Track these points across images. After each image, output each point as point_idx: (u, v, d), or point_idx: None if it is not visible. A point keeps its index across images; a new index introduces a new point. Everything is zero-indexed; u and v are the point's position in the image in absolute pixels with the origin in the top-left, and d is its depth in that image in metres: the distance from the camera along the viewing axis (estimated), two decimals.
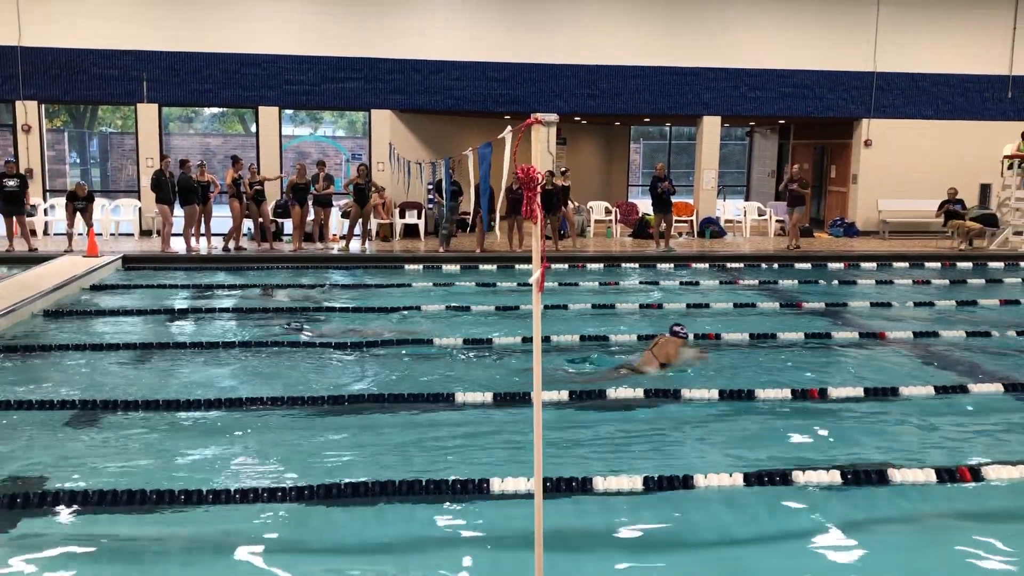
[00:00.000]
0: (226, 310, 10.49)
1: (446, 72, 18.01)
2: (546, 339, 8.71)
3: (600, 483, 5.02)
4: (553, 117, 3.09)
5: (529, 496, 4.49)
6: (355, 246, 16.10)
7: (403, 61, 17.86)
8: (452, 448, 5.90)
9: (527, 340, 8.50)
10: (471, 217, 17.96)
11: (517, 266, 14.05)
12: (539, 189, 3.04)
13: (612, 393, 6.89)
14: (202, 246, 15.62)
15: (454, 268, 14.05)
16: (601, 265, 14.76)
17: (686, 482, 5.08)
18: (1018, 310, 11.12)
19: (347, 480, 5.01)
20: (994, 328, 9.71)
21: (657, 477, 5.12)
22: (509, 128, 3.74)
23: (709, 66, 18.60)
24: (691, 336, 8.62)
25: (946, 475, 5.21)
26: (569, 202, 17.02)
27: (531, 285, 3.15)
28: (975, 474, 5.23)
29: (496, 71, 18.12)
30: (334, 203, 16.85)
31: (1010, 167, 17.17)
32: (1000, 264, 15.36)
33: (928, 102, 19.19)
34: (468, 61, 18.01)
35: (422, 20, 17.89)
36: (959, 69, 19.08)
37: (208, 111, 35.56)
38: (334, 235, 17.00)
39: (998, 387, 7.20)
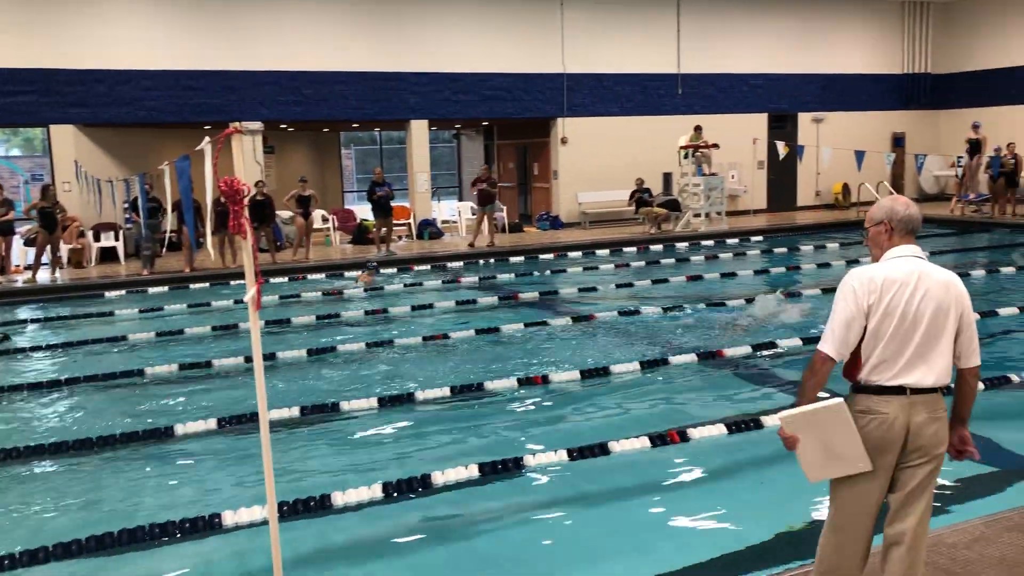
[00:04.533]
0: None
1: (135, 82, 16.72)
2: (270, 356, 8.40)
3: (339, 498, 4.92)
4: (257, 125, 2.97)
5: (267, 523, 4.29)
6: (44, 276, 14.49)
7: (84, 71, 16.33)
8: (178, 485, 5.50)
9: (250, 359, 8.13)
10: (176, 235, 16.85)
11: (232, 282, 13.40)
12: (245, 201, 2.90)
13: (346, 406, 6.78)
14: None
15: (162, 290, 13.14)
16: (323, 275, 14.49)
17: (425, 482, 5.12)
18: (702, 284, 12.42)
19: (56, 541, 4.49)
20: (685, 302, 10.78)
21: (396, 482, 5.12)
22: (207, 139, 3.53)
23: (413, 71, 18.86)
24: None
25: (658, 440, 5.70)
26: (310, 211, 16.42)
27: (247, 303, 3.00)
28: (682, 436, 5.76)
29: (193, 80, 17.13)
30: (16, 230, 15.08)
31: (686, 156, 19.12)
32: (685, 244, 17.08)
33: (613, 100, 20.84)
34: (160, 70, 16.85)
35: (104, 25, 16.46)
36: (637, 69, 20.91)
37: None
38: (17, 266, 15.21)
39: (692, 357, 7.99)
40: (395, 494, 5.02)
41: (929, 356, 3.00)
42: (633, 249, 16.60)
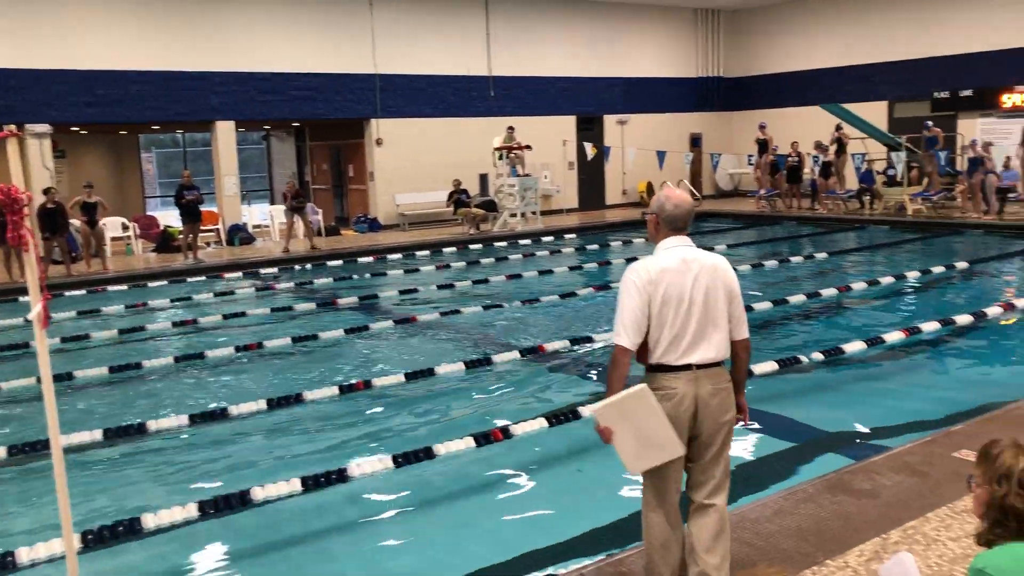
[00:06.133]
0: None
1: None
2: (67, 376, 7.78)
3: (151, 520, 4.63)
4: (43, 128, 2.74)
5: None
6: None
7: None
8: None
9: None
10: None
11: (21, 298, 12.32)
12: (25, 211, 2.66)
13: (154, 425, 6.39)
14: None
15: None
16: (125, 286, 13.60)
17: (243, 499, 4.91)
18: (521, 283, 12.67)
19: None
20: (504, 300, 10.96)
21: (213, 499, 4.88)
22: None
23: (216, 70, 18.04)
24: None
25: (483, 439, 5.74)
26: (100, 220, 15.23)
27: (33, 321, 2.76)
28: (506, 433, 5.84)
29: None
30: None
31: (500, 158, 19.44)
32: (504, 244, 17.37)
33: (427, 101, 20.84)
34: None
35: None
36: (449, 71, 21.02)
37: None
38: None
39: (515, 354, 8.13)
40: (212, 513, 4.78)
41: (708, 333, 3.25)
42: (453, 249, 16.69)
